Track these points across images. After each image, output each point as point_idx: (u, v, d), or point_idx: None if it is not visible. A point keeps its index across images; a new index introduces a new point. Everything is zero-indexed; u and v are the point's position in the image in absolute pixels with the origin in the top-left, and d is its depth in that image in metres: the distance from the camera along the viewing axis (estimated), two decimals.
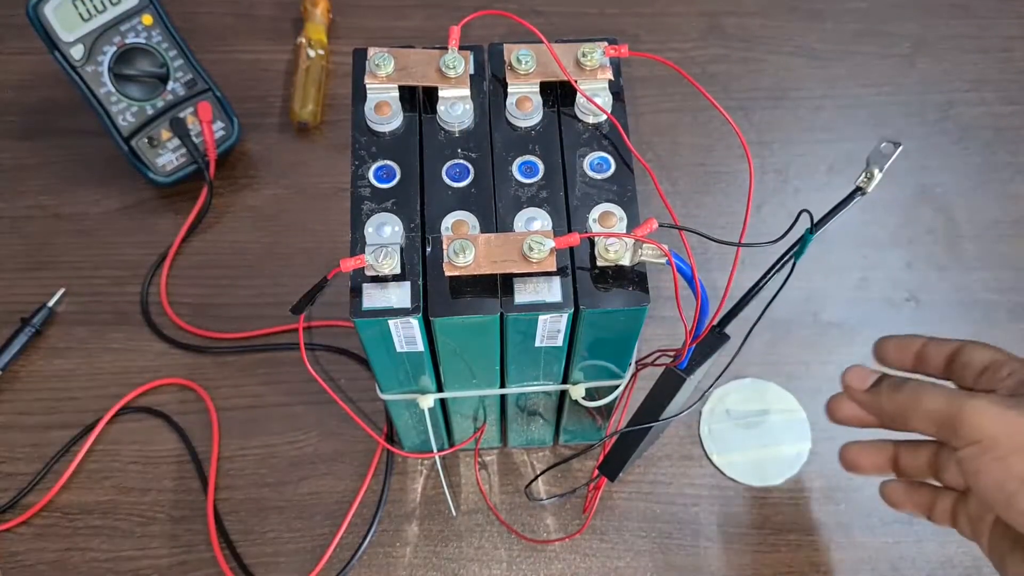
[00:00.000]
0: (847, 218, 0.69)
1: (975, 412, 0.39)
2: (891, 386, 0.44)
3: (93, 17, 0.63)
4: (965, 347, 0.45)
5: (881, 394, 0.44)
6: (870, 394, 0.44)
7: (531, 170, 0.44)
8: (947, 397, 0.41)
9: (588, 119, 0.45)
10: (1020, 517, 0.38)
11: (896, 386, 0.43)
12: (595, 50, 0.45)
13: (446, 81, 0.44)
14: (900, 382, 0.43)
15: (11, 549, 0.58)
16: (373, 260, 0.40)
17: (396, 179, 0.44)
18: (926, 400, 0.42)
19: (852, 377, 0.46)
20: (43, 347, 0.65)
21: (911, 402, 0.42)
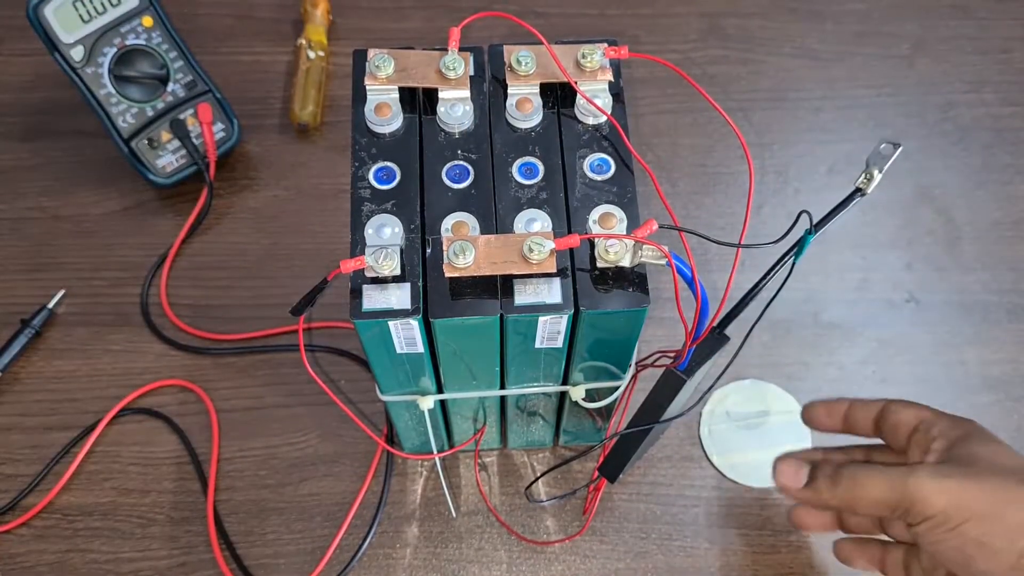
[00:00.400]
0: (847, 219, 0.69)
1: (920, 491, 0.40)
2: (828, 479, 0.43)
3: (93, 19, 0.63)
4: (890, 408, 0.46)
5: (820, 491, 0.44)
6: (810, 491, 0.44)
7: (531, 171, 0.44)
8: (888, 483, 0.41)
9: (588, 120, 0.45)
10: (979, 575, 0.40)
11: (833, 479, 0.43)
12: (595, 51, 0.45)
13: (446, 82, 0.45)
14: (835, 473, 0.43)
15: (11, 551, 0.58)
16: (373, 261, 0.40)
17: (396, 180, 0.44)
18: (868, 489, 0.42)
19: (784, 476, 0.45)
20: (43, 348, 0.65)
21: (853, 494, 0.42)
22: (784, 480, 0.45)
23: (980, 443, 0.43)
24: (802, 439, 0.62)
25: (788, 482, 0.45)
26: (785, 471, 0.45)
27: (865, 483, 0.42)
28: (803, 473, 0.45)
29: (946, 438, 0.43)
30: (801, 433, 0.62)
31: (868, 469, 0.42)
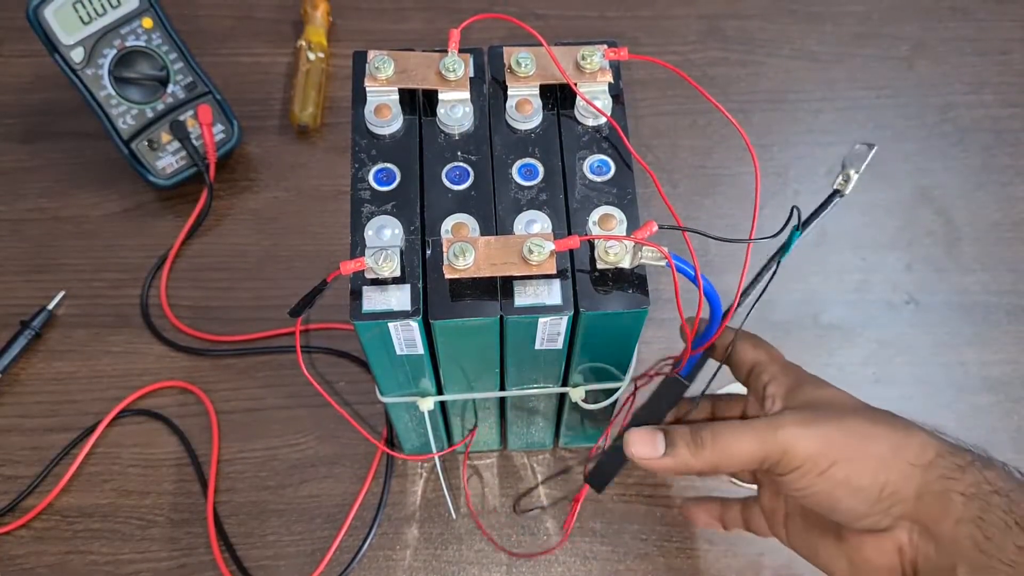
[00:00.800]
0: (847, 220, 0.69)
1: (789, 442, 0.40)
2: (688, 444, 0.41)
3: (93, 20, 0.63)
4: (736, 344, 0.45)
5: (683, 457, 0.41)
6: (671, 459, 0.41)
7: (531, 173, 0.44)
8: (756, 437, 0.40)
9: (588, 122, 0.45)
10: (846, 515, 0.41)
11: (695, 442, 0.41)
12: (595, 53, 0.45)
13: (446, 84, 0.45)
14: (695, 436, 0.41)
15: (11, 552, 0.58)
16: (373, 263, 0.40)
17: (396, 182, 0.44)
18: (736, 447, 0.40)
19: (638, 447, 0.42)
20: (43, 350, 0.65)
21: (722, 454, 0.41)
22: (639, 451, 0.42)
23: (815, 387, 0.44)
24: None
25: (644, 452, 0.42)
26: (637, 441, 0.42)
27: (731, 441, 0.41)
28: (659, 440, 0.42)
29: (780, 383, 0.44)
30: None
31: (731, 427, 0.41)
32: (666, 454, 0.41)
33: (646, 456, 0.42)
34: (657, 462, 0.42)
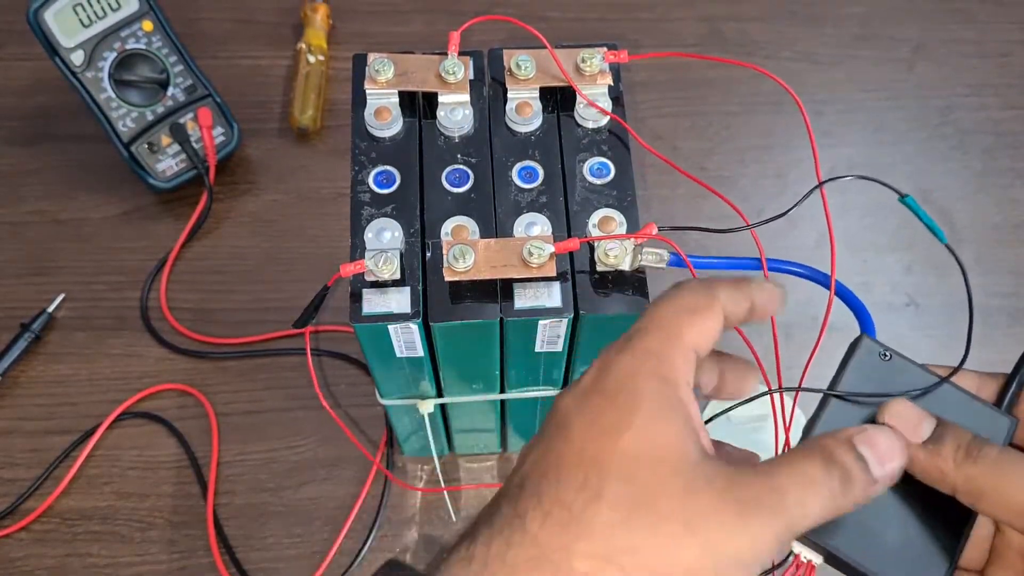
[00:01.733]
0: (847, 222, 0.69)
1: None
2: (961, 448, 0.31)
3: (93, 23, 0.63)
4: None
5: (945, 458, 0.31)
6: (929, 453, 0.31)
7: (531, 175, 0.44)
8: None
9: (588, 124, 0.45)
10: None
11: (969, 452, 0.31)
12: (595, 55, 0.45)
13: (446, 86, 0.45)
14: (972, 445, 0.31)
15: (10, 555, 0.58)
16: (373, 265, 0.40)
17: (396, 184, 0.44)
18: (1014, 485, 0.29)
19: (899, 419, 0.32)
20: (43, 353, 0.65)
21: (993, 482, 0.30)
22: (899, 422, 0.32)
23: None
24: None
25: (904, 427, 0.32)
26: (902, 413, 0.32)
27: (1014, 476, 0.29)
28: (926, 425, 0.32)
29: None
30: None
31: (1013, 451, 0.31)
32: (927, 442, 0.31)
33: (904, 433, 0.32)
34: (911, 449, 0.31)
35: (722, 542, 0.27)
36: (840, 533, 0.31)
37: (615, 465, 0.27)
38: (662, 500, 0.27)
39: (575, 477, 0.27)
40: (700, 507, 0.27)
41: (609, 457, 0.27)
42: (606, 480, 0.27)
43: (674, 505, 0.27)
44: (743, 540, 0.27)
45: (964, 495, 0.31)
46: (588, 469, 0.27)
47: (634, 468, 0.27)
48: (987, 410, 0.34)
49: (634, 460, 0.27)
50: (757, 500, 0.27)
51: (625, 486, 0.27)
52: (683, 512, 0.27)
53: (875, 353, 0.35)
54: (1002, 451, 0.31)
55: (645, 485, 0.27)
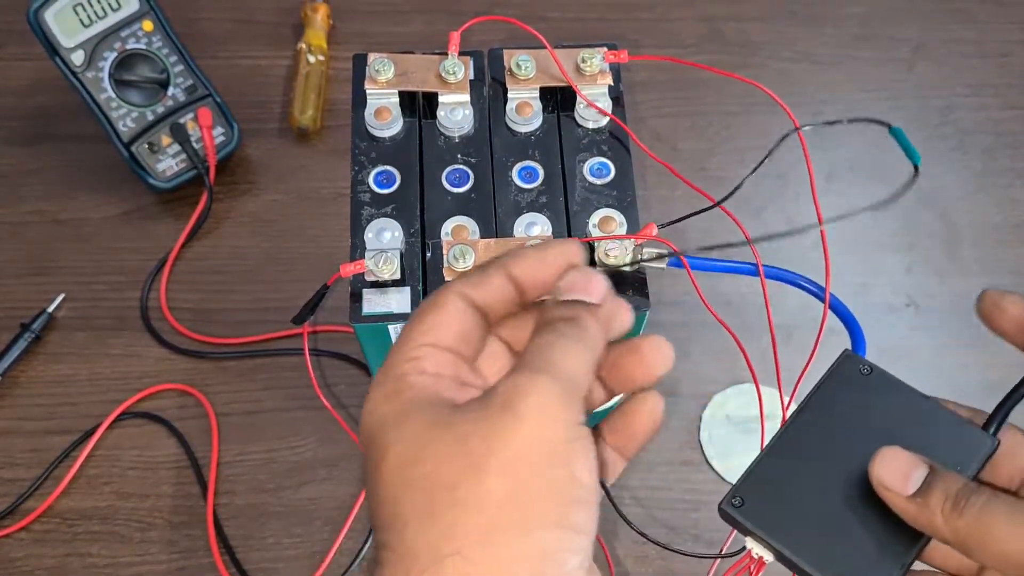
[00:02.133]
0: (847, 222, 0.69)
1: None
2: (948, 498, 0.31)
3: (94, 23, 0.63)
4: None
5: (933, 510, 0.31)
6: (917, 505, 0.31)
7: (531, 175, 0.44)
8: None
9: (588, 124, 0.45)
10: None
11: (956, 502, 0.30)
12: (595, 55, 0.45)
13: (446, 86, 0.45)
14: (960, 493, 0.31)
15: (10, 555, 0.58)
16: (373, 265, 0.40)
17: (396, 184, 0.44)
18: (1002, 537, 0.29)
19: (887, 471, 0.32)
20: (43, 352, 0.65)
21: (979, 535, 0.30)
22: (886, 476, 0.31)
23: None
24: None
25: (891, 480, 0.31)
26: (890, 464, 0.32)
27: (999, 528, 0.30)
28: (916, 475, 0.31)
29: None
30: None
31: (1010, 508, 0.30)
32: (916, 494, 0.31)
33: (891, 485, 0.31)
34: (899, 500, 0.31)
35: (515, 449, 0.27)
36: (791, 533, 0.31)
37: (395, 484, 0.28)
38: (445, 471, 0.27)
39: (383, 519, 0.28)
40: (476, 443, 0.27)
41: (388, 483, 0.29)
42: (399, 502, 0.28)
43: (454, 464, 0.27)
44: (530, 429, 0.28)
45: (955, 547, 0.31)
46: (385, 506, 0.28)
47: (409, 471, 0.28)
48: (970, 430, 0.33)
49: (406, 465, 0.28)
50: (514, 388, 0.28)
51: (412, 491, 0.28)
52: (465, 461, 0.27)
53: (857, 368, 0.35)
54: (988, 501, 0.30)
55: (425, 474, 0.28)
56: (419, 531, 0.27)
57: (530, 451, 0.27)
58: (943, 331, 0.66)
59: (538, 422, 0.28)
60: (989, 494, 0.31)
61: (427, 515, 0.27)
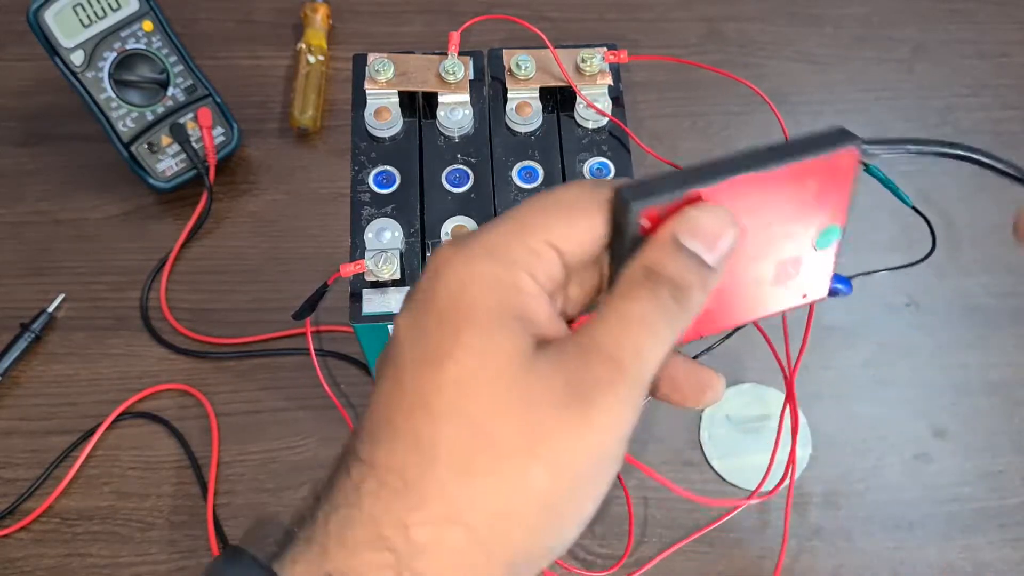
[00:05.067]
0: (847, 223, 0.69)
1: None
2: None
3: (93, 23, 0.63)
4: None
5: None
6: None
7: (531, 175, 0.44)
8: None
9: (588, 124, 0.45)
10: None
11: None
12: (594, 55, 0.45)
13: (446, 86, 0.45)
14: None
15: (10, 555, 0.58)
16: (373, 265, 0.40)
17: (396, 184, 0.44)
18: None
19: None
20: (43, 352, 0.65)
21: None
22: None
23: None
24: (803, 444, 0.62)
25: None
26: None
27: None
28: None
29: None
30: (802, 438, 0.62)
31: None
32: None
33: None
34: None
35: (570, 450, 0.24)
36: None
37: (444, 405, 0.24)
38: (500, 433, 0.24)
39: (406, 433, 0.25)
40: (540, 421, 0.24)
41: (436, 396, 0.24)
42: (437, 428, 0.24)
43: (514, 432, 0.24)
44: (593, 438, 0.24)
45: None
46: (418, 418, 0.24)
47: (464, 401, 0.24)
48: None
49: (464, 392, 0.24)
50: (595, 381, 0.24)
51: (458, 430, 0.24)
52: (525, 437, 0.24)
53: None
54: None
55: (479, 421, 0.24)
56: (446, 474, 0.24)
57: (583, 464, 0.25)
58: (943, 331, 0.66)
59: (606, 435, 0.25)
60: None
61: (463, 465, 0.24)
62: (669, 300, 0.25)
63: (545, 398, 0.24)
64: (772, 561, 0.58)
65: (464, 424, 0.24)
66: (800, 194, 0.28)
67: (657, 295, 0.25)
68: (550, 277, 0.25)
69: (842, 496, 0.60)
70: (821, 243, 0.31)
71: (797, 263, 0.31)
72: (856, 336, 0.66)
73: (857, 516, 0.60)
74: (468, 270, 0.25)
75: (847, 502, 0.60)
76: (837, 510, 0.60)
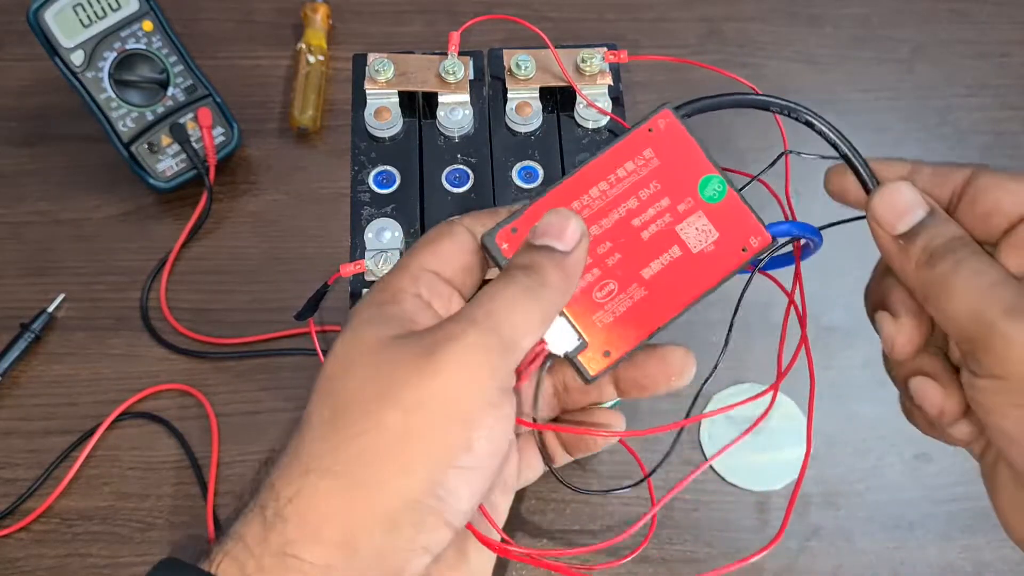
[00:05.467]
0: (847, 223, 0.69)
1: (1006, 343, 0.27)
2: (927, 253, 0.30)
3: (93, 23, 0.63)
4: (979, 183, 0.32)
5: (910, 256, 0.30)
6: (899, 250, 0.30)
7: (531, 175, 0.44)
8: (977, 305, 0.28)
9: (588, 124, 0.45)
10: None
11: (932, 256, 0.29)
12: (594, 56, 0.45)
13: (446, 86, 0.45)
14: (941, 250, 0.29)
15: (10, 555, 0.58)
16: (373, 265, 0.40)
17: (396, 184, 0.44)
18: (955, 296, 0.29)
19: (885, 206, 0.31)
20: (43, 353, 0.65)
21: (936, 291, 0.29)
22: (883, 210, 0.31)
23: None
24: (802, 443, 0.62)
25: (888, 215, 0.31)
26: (898, 197, 0.31)
27: (956, 288, 0.29)
28: (908, 218, 0.31)
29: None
30: (801, 437, 0.62)
31: (973, 270, 0.29)
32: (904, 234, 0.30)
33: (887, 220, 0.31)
34: (886, 237, 0.31)
35: (419, 392, 0.28)
36: None
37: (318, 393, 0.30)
38: (358, 395, 0.28)
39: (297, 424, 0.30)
40: (392, 376, 0.28)
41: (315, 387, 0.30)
42: (312, 409, 0.30)
43: (370, 391, 0.28)
44: (439, 380, 0.28)
45: (916, 295, 0.31)
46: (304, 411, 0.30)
47: (332, 384, 0.29)
48: None
49: (333, 378, 0.29)
50: (445, 335, 0.29)
51: (326, 404, 0.29)
52: (379, 390, 0.28)
53: None
54: (960, 260, 0.29)
55: (343, 393, 0.29)
56: (311, 434, 0.29)
57: (434, 402, 0.28)
58: None
59: (454, 375, 0.28)
60: (966, 253, 0.29)
61: (327, 423, 0.28)
62: (522, 277, 0.30)
63: (398, 358, 0.28)
64: (772, 561, 0.58)
65: (330, 399, 0.29)
66: (646, 165, 0.33)
67: (510, 275, 0.30)
68: (431, 289, 0.31)
69: (842, 496, 0.60)
70: (710, 196, 0.33)
71: (702, 221, 0.33)
72: (856, 336, 0.66)
73: (857, 516, 0.60)
74: (364, 301, 0.31)
75: (847, 502, 0.60)
76: (837, 510, 0.60)
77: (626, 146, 0.32)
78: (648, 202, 0.32)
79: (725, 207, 0.33)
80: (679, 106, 0.34)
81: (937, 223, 0.30)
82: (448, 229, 0.32)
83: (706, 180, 0.33)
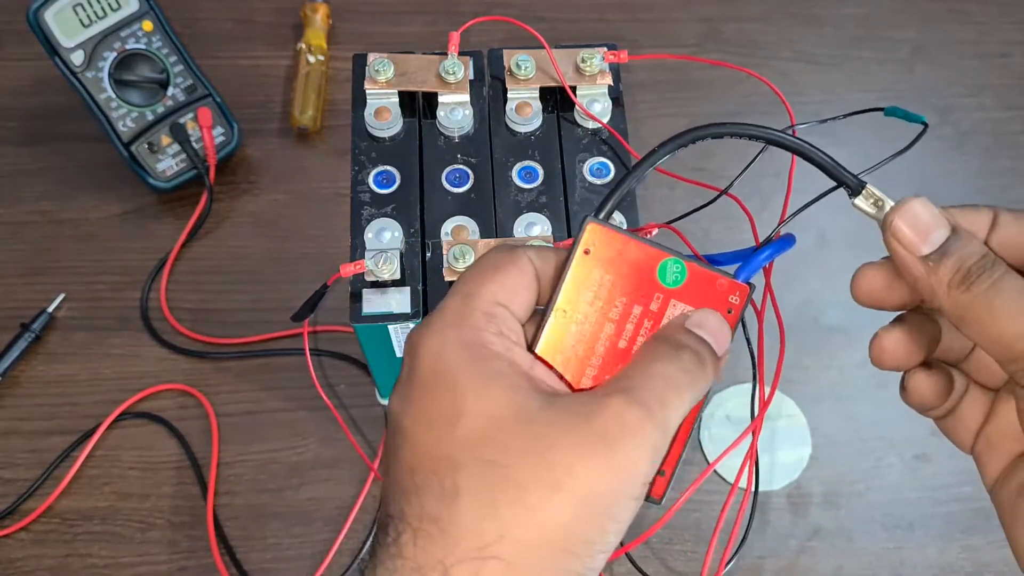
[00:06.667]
0: (846, 222, 0.69)
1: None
2: (959, 275, 0.28)
3: (93, 23, 0.63)
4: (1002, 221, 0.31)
5: (940, 281, 0.28)
6: (927, 270, 0.29)
7: (531, 175, 0.44)
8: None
9: (588, 124, 0.45)
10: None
11: (967, 276, 0.28)
12: (594, 56, 0.45)
13: (446, 86, 0.45)
14: (975, 269, 0.28)
15: (10, 555, 0.58)
16: (373, 265, 0.40)
17: (396, 184, 0.44)
18: (1000, 317, 0.27)
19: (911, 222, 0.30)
20: (43, 352, 0.65)
21: (978, 313, 0.28)
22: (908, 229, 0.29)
23: None
24: (803, 444, 0.62)
25: (912, 235, 0.29)
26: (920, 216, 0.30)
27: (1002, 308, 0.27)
28: (935, 236, 0.29)
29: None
30: (802, 438, 0.62)
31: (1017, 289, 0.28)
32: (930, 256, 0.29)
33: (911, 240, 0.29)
34: (910, 259, 0.29)
35: (594, 484, 0.26)
36: None
37: (462, 456, 0.26)
38: (520, 471, 0.26)
39: (431, 484, 0.27)
40: (561, 458, 0.26)
41: (453, 450, 0.27)
42: (459, 475, 0.26)
43: (533, 470, 0.26)
44: (616, 473, 0.26)
45: (949, 317, 0.29)
46: (440, 471, 0.27)
47: (481, 450, 0.26)
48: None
49: (479, 442, 0.26)
50: (620, 423, 0.27)
51: (479, 472, 0.26)
52: (545, 473, 0.26)
53: None
54: (1000, 279, 0.28)
55: (497, 462, 0.26)
56: (473, 513, 0.26)
57: (605, 497, 0.27)
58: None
59: (628, 473, 0.27)
60: (1004, 271, 0.28)
61: (488, 502, 0.26)
62: (689, 362, 0.28)
63: (562, 439, 0.26)
64: (773, 562, 0.58)
65: (483, 468, 0.26)
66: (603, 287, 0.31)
67: (680, 359, 0.28)
68: (511, 329, 0.29)
69: (842, 496, 0.60)
70: (673, 280, 0.32)
71: (678, 308, 0.32)
72: (856, 336, 0.66)
73: (857, 516, 0.60)
74: (439, 340, 0.28)
75: (847, 502, 0.60)
76: (837, 510, 0.60)
77: (577, 278, 0.30)
78: (622, 320, 0.30)
79: (692, 282, 0.32)
80: (597, 210, 0.32)
81: (963, 242, 0.29)
82: (513, 260, 0.29)
83: (662, 267, 0.31)
